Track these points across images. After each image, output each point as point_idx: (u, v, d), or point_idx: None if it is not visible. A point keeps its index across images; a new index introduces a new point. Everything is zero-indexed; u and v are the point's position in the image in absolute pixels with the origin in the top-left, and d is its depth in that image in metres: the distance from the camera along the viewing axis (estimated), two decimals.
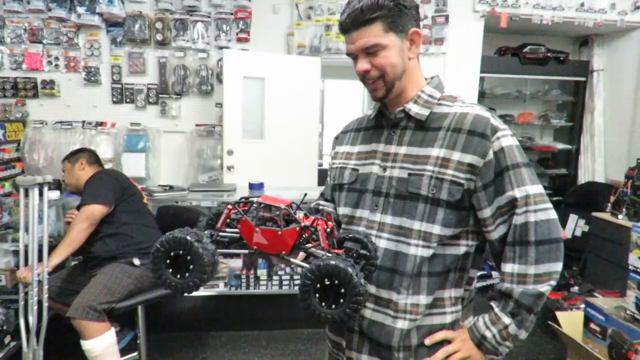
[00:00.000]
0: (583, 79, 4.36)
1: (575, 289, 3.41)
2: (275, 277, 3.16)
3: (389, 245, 1.03)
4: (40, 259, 2.11)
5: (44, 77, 3.48)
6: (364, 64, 1.01)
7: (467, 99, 1.08)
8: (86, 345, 2.11)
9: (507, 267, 0.99)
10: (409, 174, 1.02)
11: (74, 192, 2.61)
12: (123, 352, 2.57)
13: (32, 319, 2.09)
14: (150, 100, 3.61)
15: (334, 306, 0.83)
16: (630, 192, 3.32)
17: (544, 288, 0.97)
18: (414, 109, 1.05)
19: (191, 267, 0.82)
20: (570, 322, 2.30)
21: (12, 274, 2.40)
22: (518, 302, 0.97)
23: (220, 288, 3.11)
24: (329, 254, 0.87)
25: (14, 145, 3.34)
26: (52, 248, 2.23)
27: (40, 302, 2.11)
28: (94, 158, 2.61)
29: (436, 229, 0.99)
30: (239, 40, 3.63)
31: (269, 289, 3.15)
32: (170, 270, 0.84)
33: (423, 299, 1.01)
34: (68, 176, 2.54)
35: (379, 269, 1.03)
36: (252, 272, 3.17)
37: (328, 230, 0.93)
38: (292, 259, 0.92)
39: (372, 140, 1.12)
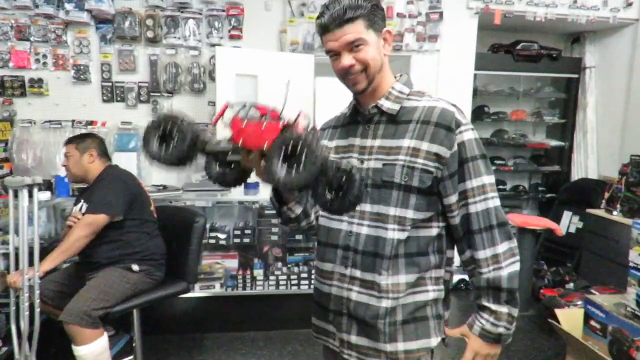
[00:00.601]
0: (575, 75, 4.39)
1: (571, 285, 3.43)
2: (271, 277, 3.12)
3: (369, 231, 1.11)
4: (31, 263, 2.04)
5: (31, 75, 3.40)
6: (348, 59, 1.07)
7: (434, 94, 1.16)
8: (78, 351, 2.05)
9: (481, 254, 1.11)
10: (383, 164, 1.10)
11: (76, 181, 2.49)
12: (119, 355, 2.53)
13: (24, 325, 2.02)
14: (142, 98, 3.54)
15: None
16: (624, 188, 3.35)
17: (516, 265, 1.11)
18: (386, 104, 1.14)
19: (175, 140, 0.96)
20: (570, 319, 2.30)
21: (2, 278, 2.33)
22: (508, 290, 1.10)
23: (216, 289, 3.07)
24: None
25: (1, 146, 3.25)
26: (43, 250, 2.17)
27: (31, 308, 2.04)
28: (103, 148, 2.46)
29: (409, 213, 1.09)
30: (231, 37, 3.58)
31: (266, 290, 3.12)
32: (157, 143, 0.97)
33: (402, 278, 1.10)
34: (74, 165, 2.37)
35: (362, 254, 1.12)
36: (248, 272, 3.13)
37: (309, 129, 0.98)
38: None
39: (349, 135, 1.20)
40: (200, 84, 3.58)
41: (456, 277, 3.71)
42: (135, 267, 2.28)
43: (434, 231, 1.13)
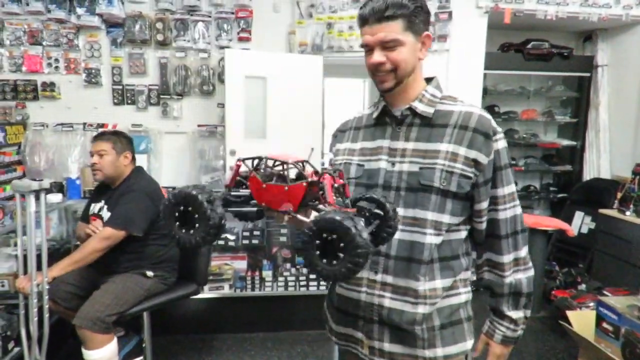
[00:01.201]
0: (587, 74, 4.33)
1: (583, 286, 3.38)
2: (280, 278, 3.13)
3: (403, 236, 1.09)
4: (39, 268, 2.02)
5: (44, 79, 3.45)
6: (379, 57, 1.07)
7: (465, 100, 1.17)
8: (89, 355, 2.08)
9: (505, 258, 1.15)
10: (420, 168, 1.08)
11: (105, 182, 2.39)
12: (128, 356, 2.55)
13: (33, 329, 2.02)
14: (152, 101, 3.57)
15: (334, 262, 0.77)
16: (637, 188, 3.30)
17: (532, 270, 1.18)
18: (420, 107, 1.12)
19: (197, 225, 0.83)
20: (582, 321, 2.27)
21: (14, 279, 2.35)
22: (527, 294, 1.16)
23: (225, 290, 3.08)
24: (333, 209, 0.81)
25: (14, 148, 3.30)
26: (55, 251, 2.18)
27: (40, 312, 2.03)
28: (134, 150, 2.44)
29: (445, 218, 1.09)
30: (240, 39, 3.59)
31: (275, 291, 3.12)
32: (178, 223, 0.85)
33: (439, 283, 1.10)
34: (108, 165, 2.30)
35: (395, 259, 1.10)
36: (257, 273, 3.14)
37: (336, 185, 0.90)
38: (298, 216, 0.89)
39: (375, 137, 1.17)
40: (210, 86, 3.60)
41: None
42: (149, 274, 2.31)
43: (463, 234, 1.15)
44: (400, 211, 1.08)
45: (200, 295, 3.01)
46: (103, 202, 2.34)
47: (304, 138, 3.60)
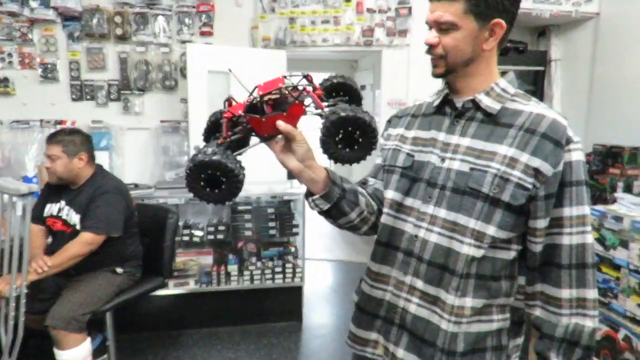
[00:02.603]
0: (542, 68, 4.50)
1: None
2: (246, 272, 3.15)
3: (440, 240, 0.98)
4: (19, 270, 1.95)
5: None
6: (432, 38, 0.97)
7: (540, 102, 1.02)
8: (62, 355, 2.05)
9: (565, 293, 0.95)
10: (471, 169, 0.95)
11: (59, 183, 2.27)
12: (93, 355, 2.51)
13: (6, 334, 1.96)
14: (112, 96, 3.51)
15: (355, 147, 0.92)
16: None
17: (597, 320, 0.95)
18: (485, 100, 0.99)
19: (224, 180, 0.89)
20: None
21: None
22: (586, 347, 0.94)
23: (191, 285, 3.08)
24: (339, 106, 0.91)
25: None
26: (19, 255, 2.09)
27: (17, 315, 1.97)
28: (91, 148, 2.31)
29: (490, 230, 0.94)
30: (202, 34, 3.57)
31: (240, 285, 3.14)
32: (204, 185, 0.91)
33: (469, 302, 0.96)
34: (61, 169, 2.19)
35: (428, 264, 0.99)
36: (222, 268, 3.15)
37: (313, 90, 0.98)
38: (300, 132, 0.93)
39: (431, 127, 1.05)
40: (172, 81, 3.57)
41: None
42: (119, 270, 2.30)
43: (511, 254, 0.99)
44: (442, 213, 0.98)
45: (165, 292, 3.00)
46: (63, 202, 2.27)
47: None
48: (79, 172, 2.25)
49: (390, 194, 1.08)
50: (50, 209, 2.30)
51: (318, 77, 1.04)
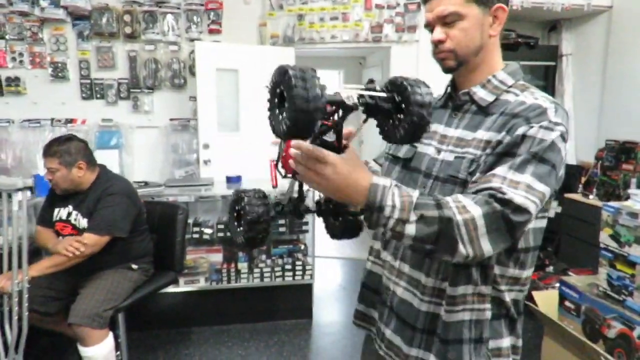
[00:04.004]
0: (553, 63, 4.44)
1: (551, 268, 3.51)
2: (256, 270, 3.15)
3: None
4: (19, 266, 1.97)
5: (8, 74, 3.36)
6: (438, 33, 0.95)
7: (540, 92, 0.97)
8: (87, 352, 2.07)
9: (499, 170, 0.88)
10: (455, 157, 0.96)
11: (66, 193, 2.27)
12: None
13: (12, 331, 1.98)
14: (122, 95, 3.53)
15: (401, 117, 0.83)
16: (600, 172, 3.42)
17: (530, 206, 0.87)
18: (480, 93, 0.98)
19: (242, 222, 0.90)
20: (546, 301, 2.36)
21: None
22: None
23: (201, 283, 3.09)
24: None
25: None
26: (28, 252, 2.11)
27: (20, 311, 1.98)
28: (89, 154, 2.27)
29: None
30: (211, 31, 3.57)
31: (250, 282, 3.14)
32: (236, 223, 0.96)
33: (448, 288, 0.96)
34: (62, 181, 2.20)
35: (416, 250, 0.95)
36: (232, 265, 3.16)
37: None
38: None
39: (434, 121, 1.04)
40: (181, 79, 3.58)
41: None
42: (134, 266, 2.34)
43: None
44: None
45: (176, 289, 3.01)
46: (71, 207, 2.28)
47: None
48: (80, 180, 2.24)
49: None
50: (59, 213, 2.30)
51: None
